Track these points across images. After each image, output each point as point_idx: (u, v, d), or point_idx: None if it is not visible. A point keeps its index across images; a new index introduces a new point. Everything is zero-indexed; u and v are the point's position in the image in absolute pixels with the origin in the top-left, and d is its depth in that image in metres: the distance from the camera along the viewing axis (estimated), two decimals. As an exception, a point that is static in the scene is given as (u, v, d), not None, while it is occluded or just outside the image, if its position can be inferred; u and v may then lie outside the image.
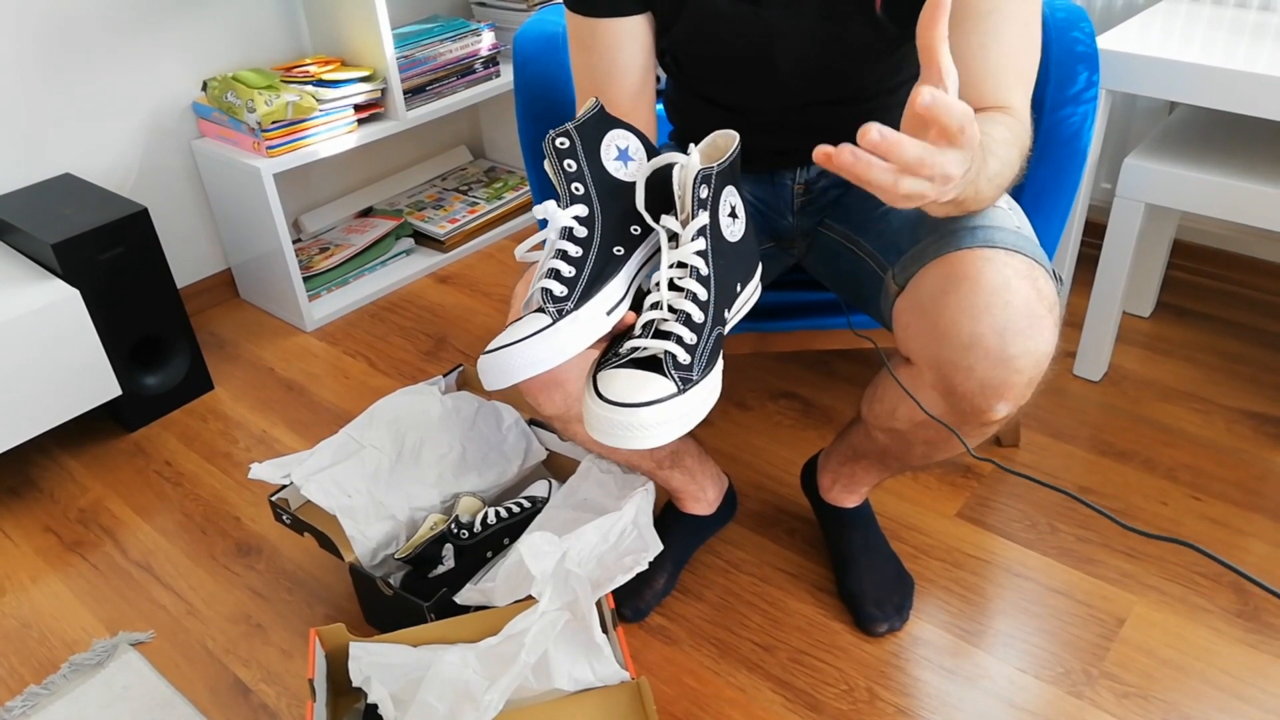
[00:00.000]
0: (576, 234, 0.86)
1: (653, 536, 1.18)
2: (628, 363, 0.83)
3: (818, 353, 1.84)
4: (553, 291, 0.83)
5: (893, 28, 0.98)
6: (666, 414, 0.79)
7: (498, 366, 0.81)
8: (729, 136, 0.90)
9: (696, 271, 0.84)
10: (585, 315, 0.83)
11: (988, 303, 0.87)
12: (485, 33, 2.19)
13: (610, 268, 0.86)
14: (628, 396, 0.79)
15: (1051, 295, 0.91)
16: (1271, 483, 1.47)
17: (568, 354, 0.82)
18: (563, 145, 0.87)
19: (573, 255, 0.85)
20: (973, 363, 0.89)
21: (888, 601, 1.28)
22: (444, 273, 2.23)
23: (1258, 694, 1.18)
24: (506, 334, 0.82)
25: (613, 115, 0.91)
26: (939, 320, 0.90)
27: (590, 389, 0.82)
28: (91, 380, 1.64)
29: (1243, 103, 1.37)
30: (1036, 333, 0.88)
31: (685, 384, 0.81)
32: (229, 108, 1.87)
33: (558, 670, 1.07)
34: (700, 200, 0.84)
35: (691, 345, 0.83)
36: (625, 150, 0.90)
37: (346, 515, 1.27)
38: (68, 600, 1.42)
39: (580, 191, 0.87)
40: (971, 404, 0.93)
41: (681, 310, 0.83)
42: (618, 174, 0.89)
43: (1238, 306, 1.89)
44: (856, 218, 1.13)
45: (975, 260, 0.89)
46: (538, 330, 0.81)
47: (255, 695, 1.26)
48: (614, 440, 0.79)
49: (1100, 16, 1.80)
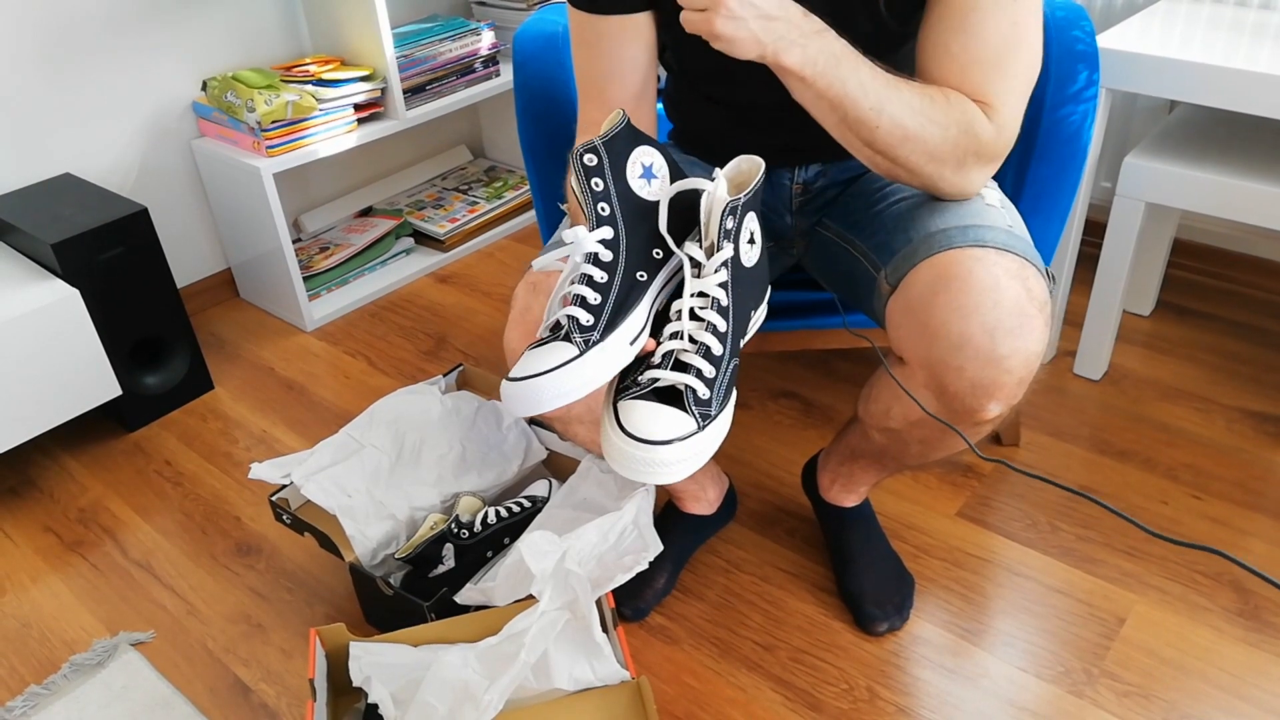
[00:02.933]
0: (602, 258, 0.85)
1: (653, 536, 1.18)
2: (648, 393, 0.83)
3: (818, 352, 1.84)
4: (579, 320, 0.83)
5: (895, 26, 0.98)
6: (686, 452, 0.81)
7: (525, 397, 0.81)
8: (754, 163, 0.90)
9: (717, 303, 0.84)
10: (611, 346, 0.83)
11: (977, 302, 0.88)
12: (485, 32, 2.19)
13: (634, 294, 0.86)
14: (650, 433, 0.80)
15: (1043, 295, 0.91)
16: (1272, 482, 1.47)
17: (594, 385, 0.82)
18: (590, 162, 0.85)
19: (598, 281, 0.85)
20: (963, 362, 0.90)
21: (888, 601, 1.28)
22: (444, 272, 2.23)
23: (1258, 693, 1.17)
24: (531, 361, 0.82)
25: (638, 129, 0.90)
26: (929, 320, 0.91)
27: (610, 417, 0.83)
28: (91, 380, 1.64)
29: (1243, 101, 1.37)
30: (1026, 332, 0.88)
31: (704, 420, 0.83)
32: (229, 107, 1.87)
33: (558, 670, 1.07)
34: (726, 231, 0.84)
35: (710, 379, 0.83)
36: (649, 167, 0.89)
37: (346, 515, 1.27)
38: (68, 600, 1.42)
39: (606, 212, 0.86)
40: (963, 404, 0.93)
41: (701, 342, 0.84)
42: (641, 192, 0.88)
43: (1238, 305, 1.89)
44: (852, 217, 1.13)
45: (965, 260, 0.89)
46: (566, 361, 0.81)
47: (255, 695, 1.26)
48: (632, 474, 0.81)
49: (1100, 15, 1.80)
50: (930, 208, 0.98)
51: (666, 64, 1.15)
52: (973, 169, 0.95)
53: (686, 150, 1.24)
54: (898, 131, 0.89)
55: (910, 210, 1.01)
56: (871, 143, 0.91)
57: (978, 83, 0.92)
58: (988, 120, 0.92)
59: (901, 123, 0.89)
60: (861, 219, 1.10)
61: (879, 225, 1.05)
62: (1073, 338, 1.77)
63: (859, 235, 1.09)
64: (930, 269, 0.91)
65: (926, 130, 0.90)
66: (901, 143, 0.90)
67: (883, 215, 1.06)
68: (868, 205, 1.10)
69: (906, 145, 0.91)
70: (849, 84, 0.87)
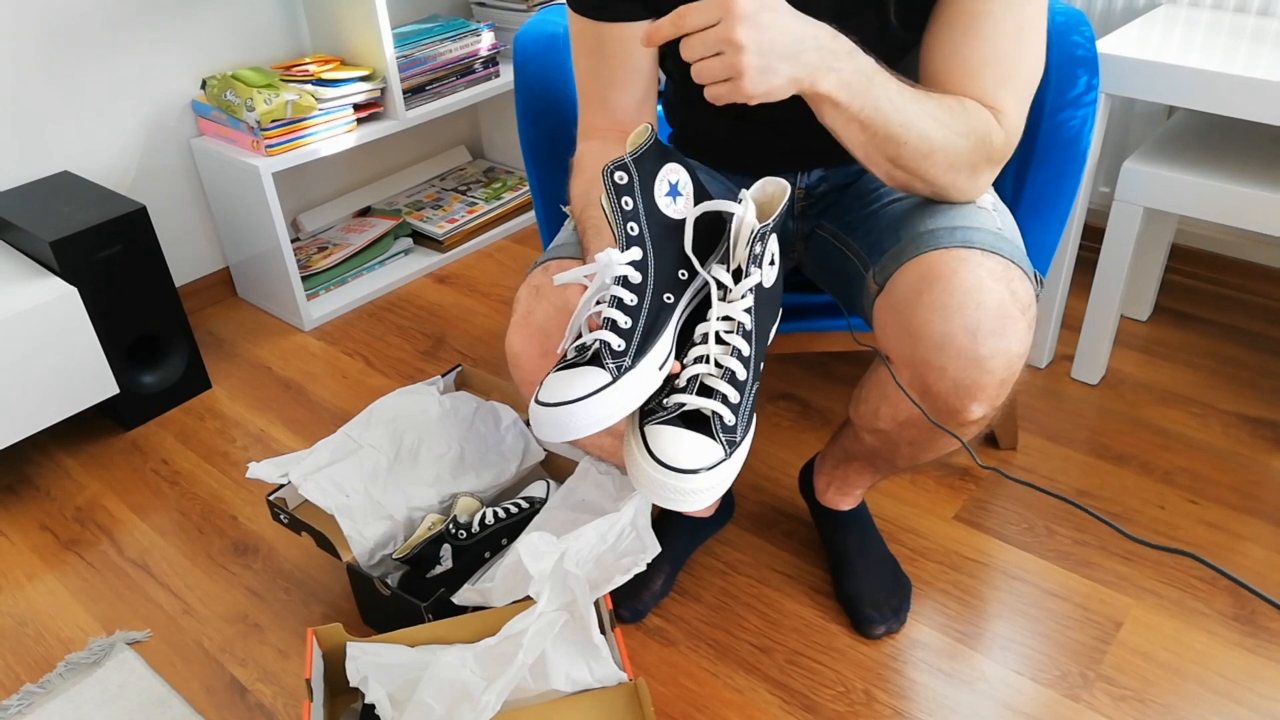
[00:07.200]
0: (631, 280, 0.85)
1: (651, 538, 1.18)
2: (675, 418, 0.84)
3: (816, 354, 1.84)
4: (611, 345, 0.82)
5: (903, 33, 0.99)
6: (714, 480, 0.82)
7: (558, 423, 0.80)
8: (779, 185, 0.90)
9: (742, 327, 0.85)
10: (641, 373, 0.83)
11: (960, 303, 0.88)
12: (485, 33, 2.19)
13: (662, 318, 0.86)
14: (679, 460, 0.81)
15: (1027, 297, 0.91)
16: (1268, 487, 1.48)
17: (625, 413, 0.82)
18: (621, 180, 0.84)
19: (628, 304, 0.84)
20: (945, 363, 0.90)
21: (885, 604, 1.28)
22: (442, 272, 2.23)
23: (1254, 697, 1.18)
24: (561, 385, 0.81)
25: (665, 145, 0.89)
26: (912, 320, 0.91)
27: (638, 442, 0.83)
28: (89, 378, 1.64)
29: (1241, 107, 1.37)
30: (1008, 333, 0.88)
31: (731, 447, 0.83)
32: (228, 106, 1.87)
33: (555, 671, 1.07)
34: (754, 256, 0.84)
35: (736, 405, 0.84)
36: (675, 185, 0.88)
37: (344, 515, 1.27)
38: (64, 599, 1.41)
39: (635, 232, 0.85)
40: (946, 404, 0.93)
41: (727, 367, 0.84)
42: (668, 211, 0.87)
43: (1235, 311, 1.89)
44: (848, 218, 1.13)
45: (950, 260, 0.89)
46: (599, 389, 0.80)
47: (252, 695, 1.26)
48: (660, 500, 0.81)
49: (1100, 20, 1.81)
50: (923, 209, 0.98)
51: (667, 70, 1.15)
52: (984, 174, 0.95)
53: (685, 154, 1.24)
54: (924, 146, 0.89)
55: (903, 212, 1.01)
56: (896, 159, 0.90)
57: (987, 87, 0.92)
58: (999, 126, 0.92)
59: (928, 137, 0.88)
60: (856, 220, 1.10)
61: (872, 226, 1.05)
62: (1070, 342, 1.78)
63: (853, 236, 1.09)
64: (915, 269, 0.92)
65: (950, 142, 0.90)
66: (926, 156, 0.90)
67: (876, 216, 1.06)
68: (863, 206, 1.10)
69: (931, 159, 0.90)
70: (880, 103, 0.86)
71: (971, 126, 0.90)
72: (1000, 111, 0.92)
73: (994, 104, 0.92)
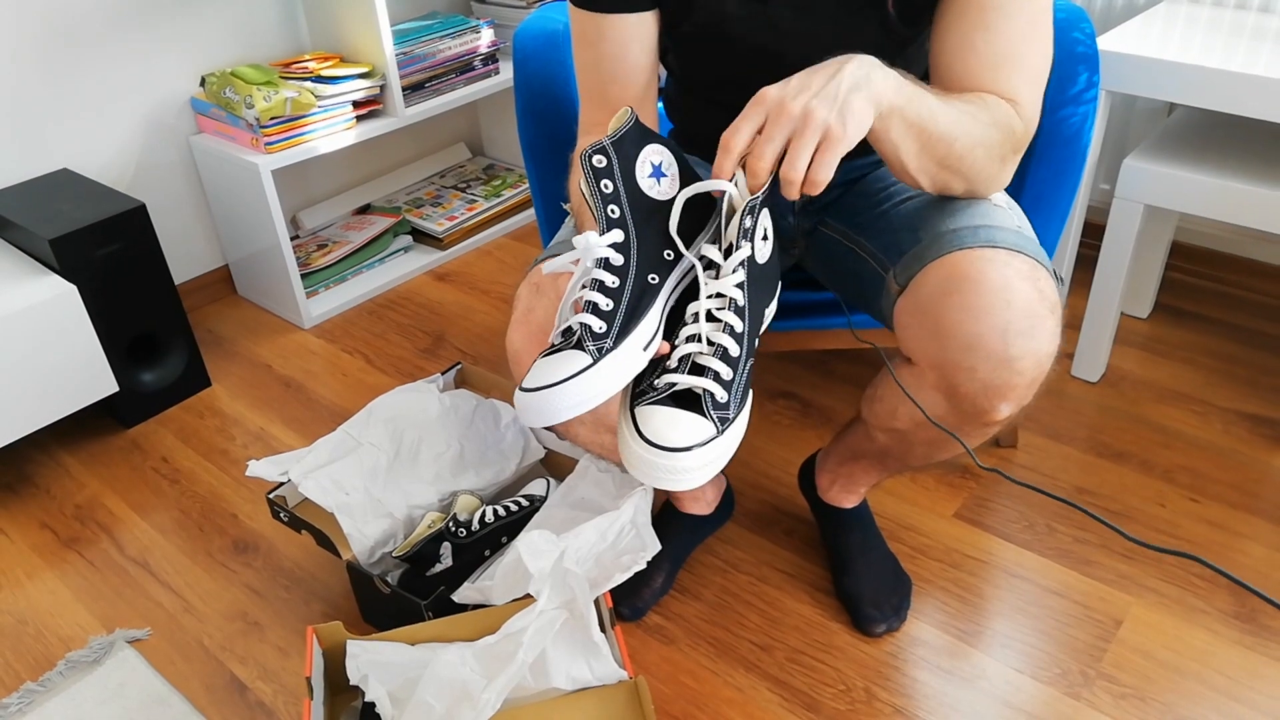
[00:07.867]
0: (613, 262, 0.84)
1: (651, 536, 1.18)
2: (666, 398, 0.82)
3: (816, 352, 1.84)
4: (591, 328, 0.82)
5: (902, 28, 0.98)
6: (707, 457, 0.80)
7: (539, 407, 0.80)
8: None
9: (734, 303, 0.83)
10: (624, 354, 0.82)
11: (989, 303, 0.87)
12: (485, 30, 2.19)
13: (646, 299, 0.85)
14: (669, 440, 0.79)
15: (1053, 296, 0.91)
16: (1269, 485, 1.48)
17: (608, 394, 0.81)
18: (599, 164, 0.84)
19: (609, 286, 0.83)
20: (975, 363, 0.89)
21: (885, 602, 1.28)
22: (442, 270, 2.23)
23: (1254, 695, 1.18)
24: (543, 370, 0.81)
25: (646, 126, 0.88)
26: (940, 321, 0.90)
27: (629, 423, 0.82)
28: (88, 376, 1.64)
29: (1242, 104, 1.37)
30: (1038, 333, 0.88)
31: (723, 424, 0.82)
32: (227, 103, 1.86)
33: (555, 669, 1.07)
34: (744, 231, 0.83)
35: (728, 381, 0.83)
36: (659, 166, 0.88)
37: (344, 513, 1.27)
38: (64, 597, 1.41)
39: (616, 215, 0.85)
40: (974, 405, 0.93)
41: (718, 344, 0.83)
42: (651, 192, 0.87)
43: (1236, 308, 1.89)
44: (857, 217, 1.12)
45: (977, 260, 0.89)
46: (579, 371, 0.80)
47: (252, 693, 1.26)
48: (653, 481, 0.80)
49: (1100, 17, 1.80)
50: (938, 207, 0.98)
51: (668, 66, 1.15)
52: (1010, 164, 0.95)
53: (686, 150, 1.23)
54: (968, 140, 0.88)
55: (918, 210, 1.00)
56: (946, 158, 0.89)
57: (1003, 79, 0.92)
58: (1018, 116, 0.92)
59: (970, 131, 0.88)
60: (867, 219, 1.10)
61: (886, 225, 1.05)
62: (1071, 339, 1.78)
63: (865, 234, 1.09)
64: (941, 269, 0.91)
65: (987, 134, 0.89)
66: (970, 150, 0.89)
67: (889, 215, 1.05)
68: (873, 205, 1.09)
69: (974, 152, 0.90)
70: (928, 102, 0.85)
71: (995, 118, 0.90)
72: (1017, 102, 0.92)
73: (1011, 95, 0.92)
